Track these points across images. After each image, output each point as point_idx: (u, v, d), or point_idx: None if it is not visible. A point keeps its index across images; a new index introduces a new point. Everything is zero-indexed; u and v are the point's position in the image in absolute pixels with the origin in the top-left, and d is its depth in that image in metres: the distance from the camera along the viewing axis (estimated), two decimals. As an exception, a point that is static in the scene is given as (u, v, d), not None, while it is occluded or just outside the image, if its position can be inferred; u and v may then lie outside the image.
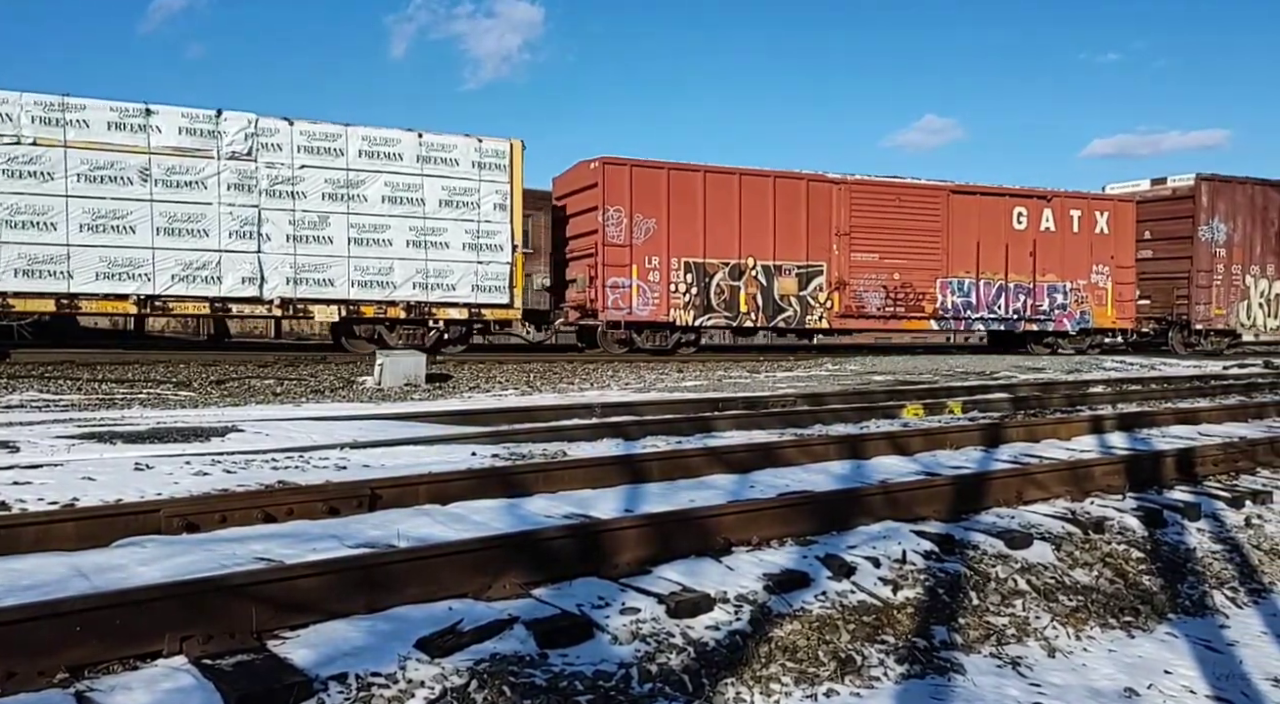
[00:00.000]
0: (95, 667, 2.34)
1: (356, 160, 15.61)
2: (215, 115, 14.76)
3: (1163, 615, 3.53)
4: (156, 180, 14.34)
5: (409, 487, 4.32)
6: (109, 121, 14.13)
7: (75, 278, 13.87)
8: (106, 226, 14.04)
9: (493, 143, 16.54)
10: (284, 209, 15.13)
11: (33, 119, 13.73)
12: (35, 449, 5.73)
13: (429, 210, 16.08)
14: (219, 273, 14.74)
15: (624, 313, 17.94)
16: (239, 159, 14.85)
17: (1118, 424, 7.73)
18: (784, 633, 2.87)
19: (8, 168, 13.55)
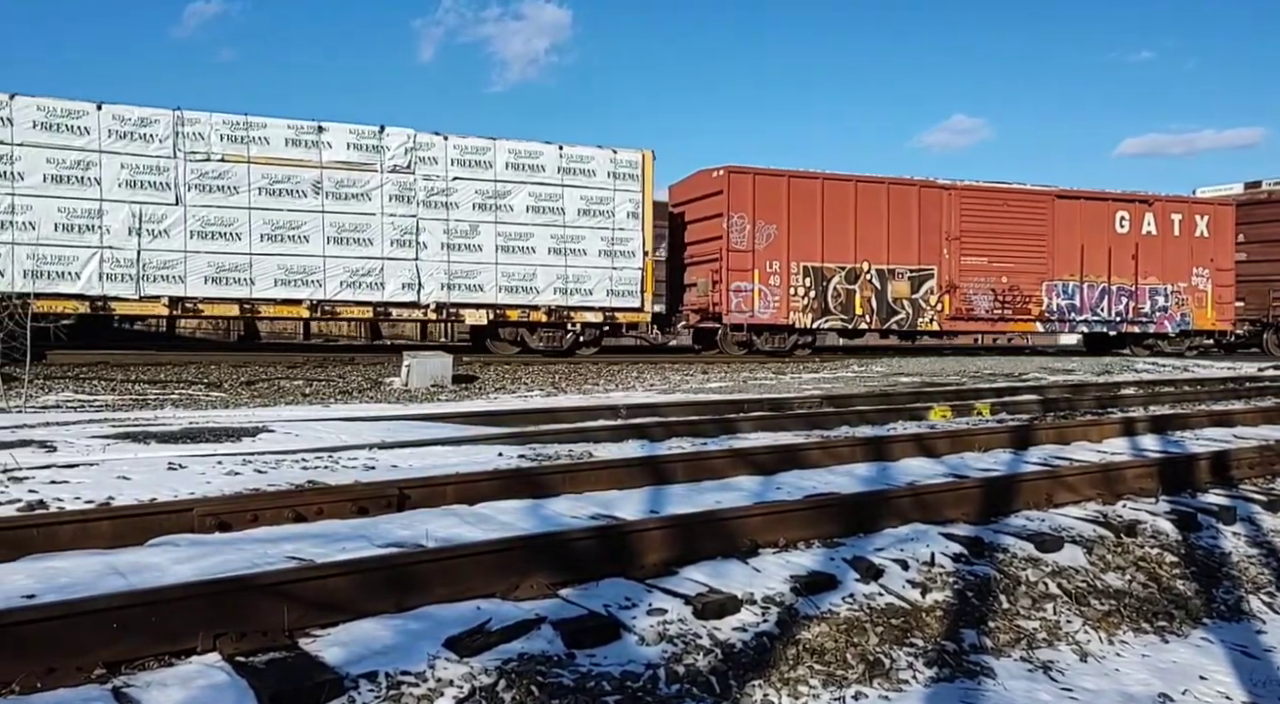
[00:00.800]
0: (131, 663, 2.38)
1: (504, 172, 16.60)
2: (379, 131, 15.81)
3: (1197, 620, 3.48)
4: (327, 193, 15.46)
5: (436, 487, 4.35)
6: (286, 138, 15.26)
7: (256, 284, 15.03)
8: (284, 236, 15.16)
9: (626, 154, 17.52)
10: (439, 219, 16.21)
11: (221, 137, 14.87)
12: (71, 449, 5.83)
13: (568, 219, 17.03)
14: (382, 279, 15.78)
15: (746, 316, 18.69)
16: (399, 172, 15.92)
17: (1150, 426, 7.63)
18: (811, 635, 2.86)
19: (200, 183, 14.74)
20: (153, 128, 14.59)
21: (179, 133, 14.68)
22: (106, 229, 14.26)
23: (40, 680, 2.21)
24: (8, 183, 13.82)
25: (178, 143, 14.69)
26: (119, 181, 14.37)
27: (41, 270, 13.73)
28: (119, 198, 14.35)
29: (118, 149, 14.38)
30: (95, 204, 14.24)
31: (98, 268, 14.21)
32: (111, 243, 14.29)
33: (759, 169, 18.88)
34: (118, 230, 14.33)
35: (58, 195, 14.05)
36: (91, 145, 14.26)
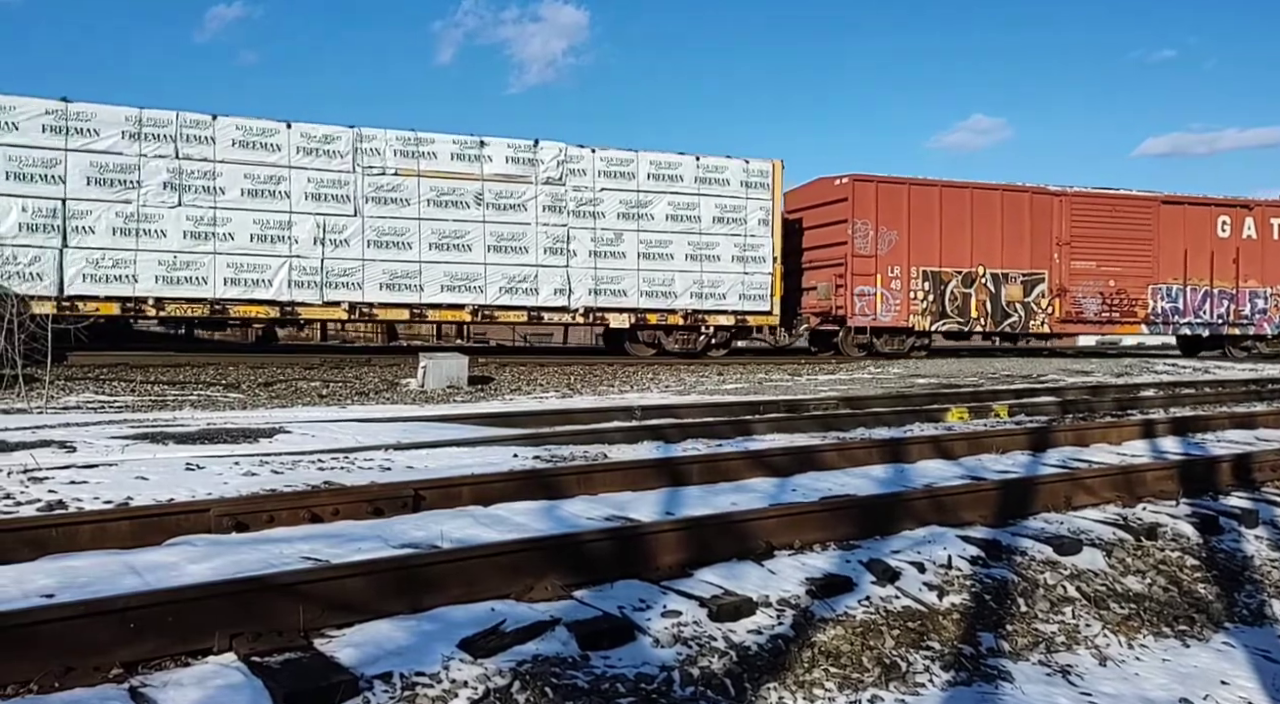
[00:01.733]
0: (148, 663, 2.39)
1: (645, 182, 17.63)
2: (533, 145, 16.83)
3: (1219, 624, 3.44)
4: (487, 204, 16.49)
5: (451, 488, 4.36)
6: (452, 153, 16.33)
7: (425, 291, 16.11)
8: (449, 245, 16.26)
9: (758, 164, 18.39)
10: (587, 228, 17.20)
11: (395, 152, 15.97)
12: (91, 449, 5.88)
13: (704, 227, 17.99)
14: (536, 285, 16.82)
15: (869, 319, 19.60)
16: (552, 184, 16.94)
17: (1170, 428, 7.55)
18: (827, 637, 2.85)
19: (376, 195, 15.85)
20: (335, 144, 15.72)
21: (358, 149, 15.81)
22: (295, 239, 15.41)
23: (58, 680, 2.23)
24: (210, 197, 14.95)
25: (356, 158, 15.82)
26: (305, 195, 15.52)
27: (239, 278, 15.06)
28: (305, 210, 15.50)
29: (304, 164, 15.52)
30: (285, 216, 15.39)
31: (287, 275, 15.37)
32: (299, 252, 15.43)
33: (881, 177, 19.76)
34: (304, 240, 15.47)
35: (253, 208, 15.21)
36: (282, 161, 15.40)
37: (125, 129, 14.59)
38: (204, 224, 14.94)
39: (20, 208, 13.99)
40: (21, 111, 14.10)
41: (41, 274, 14.01)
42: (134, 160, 14.61)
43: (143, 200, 14.60)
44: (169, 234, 14.77)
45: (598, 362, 17.40)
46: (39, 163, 14.11)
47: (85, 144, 14.34)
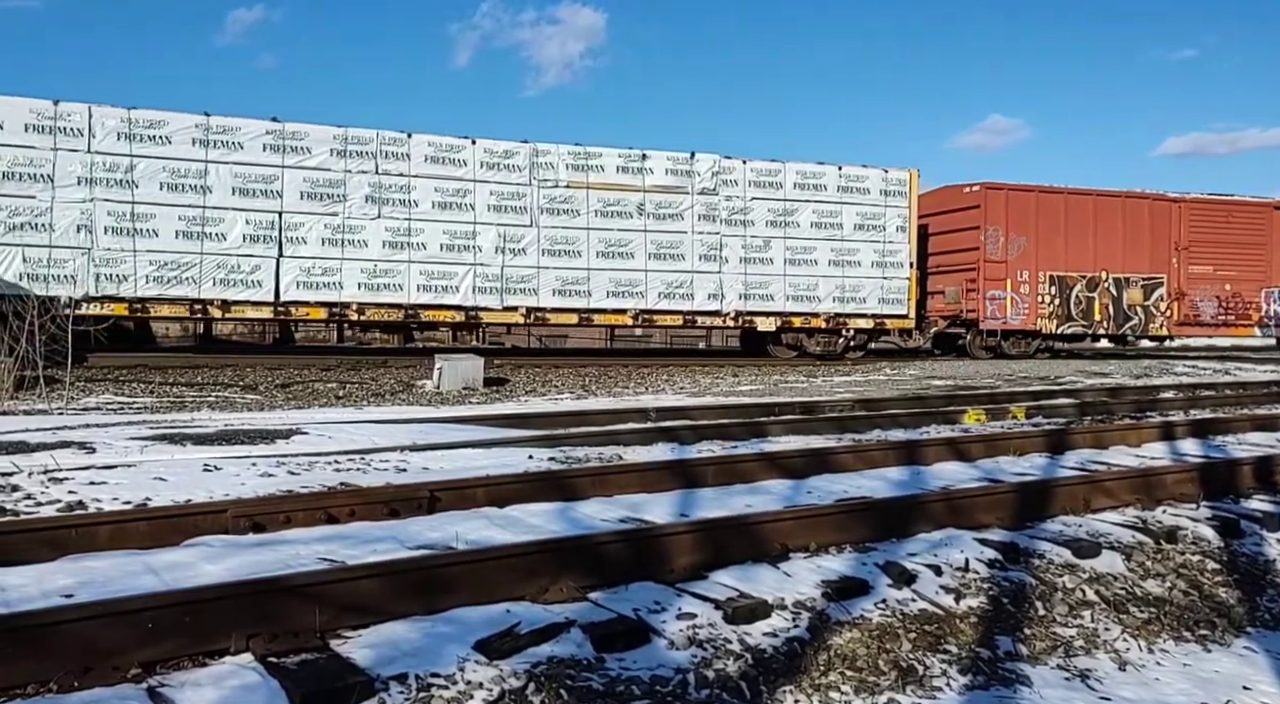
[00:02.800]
0: (166, 663, 2.40)
1: (791, 192, 18.46)
2: (690, 157, 17.77)
3: (1240, 629, 3.40)
4: (648, 214, 17.45)
5: (467, 489, 4.37)
6: (617, 166, 17.32)
7: (592, 296, 17.09)
8: (614, 253, 17.24)
9: (896, 173, 19.22)
10: (737, 235, 18.05)
11: (566, 166, 16.96)
12: (110, 450, 5.93)
13: (845, 234, 18.77)
14: (691, 291, 17.73)
15: (1000, 322, 20.48)
16: (706, 194, 17.84)
17: (1190, 430, 7.48)
18: (843, 641, 2.83)
19: (549, 207, 16.85)
20: (514, 159, 16.69)
21: (534, 163, 16.78)
22: (479, 248, 16.45)
23: (77, 679, 2.25)
24: (405, 209, 16.03)
25: (533, 172, 16.79)
26: (488, 207, 16.53)
27: (431, 285, 16.14)
28: (488, 221, 16.51)
29: (487, 178, 16.53)
30: (470, 227, 16.43)
31: (472, 282, 16.40)
32: (482, 260, 16.45)
33: (1011, 185, 20.69)
34: (487, 249, 16.49)
35: (443, 219, 16.27)
36: (468, 175, 16.44)
37: (333, 147, 15.69)
38: (400, 235, 16.02)
39: (244, 220, 15.13)
40: (245, 132, 15.20)
41: (261, 282, 15.23)
42: (340, 176, 15.72)
43: (347, 213, 15.74)
44: (370, 244, 15.86)
45: (612, 363, 17.42)
46: (260, 179, 15.25)
47: (299, 161, 15.49)
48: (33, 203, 14.10)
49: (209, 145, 15.04)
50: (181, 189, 14.87)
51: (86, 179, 14.38)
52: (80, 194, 14.35)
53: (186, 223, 14.86)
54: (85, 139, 14.41)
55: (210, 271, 14.93)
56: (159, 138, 14.81)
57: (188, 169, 14.88)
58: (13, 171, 14.03)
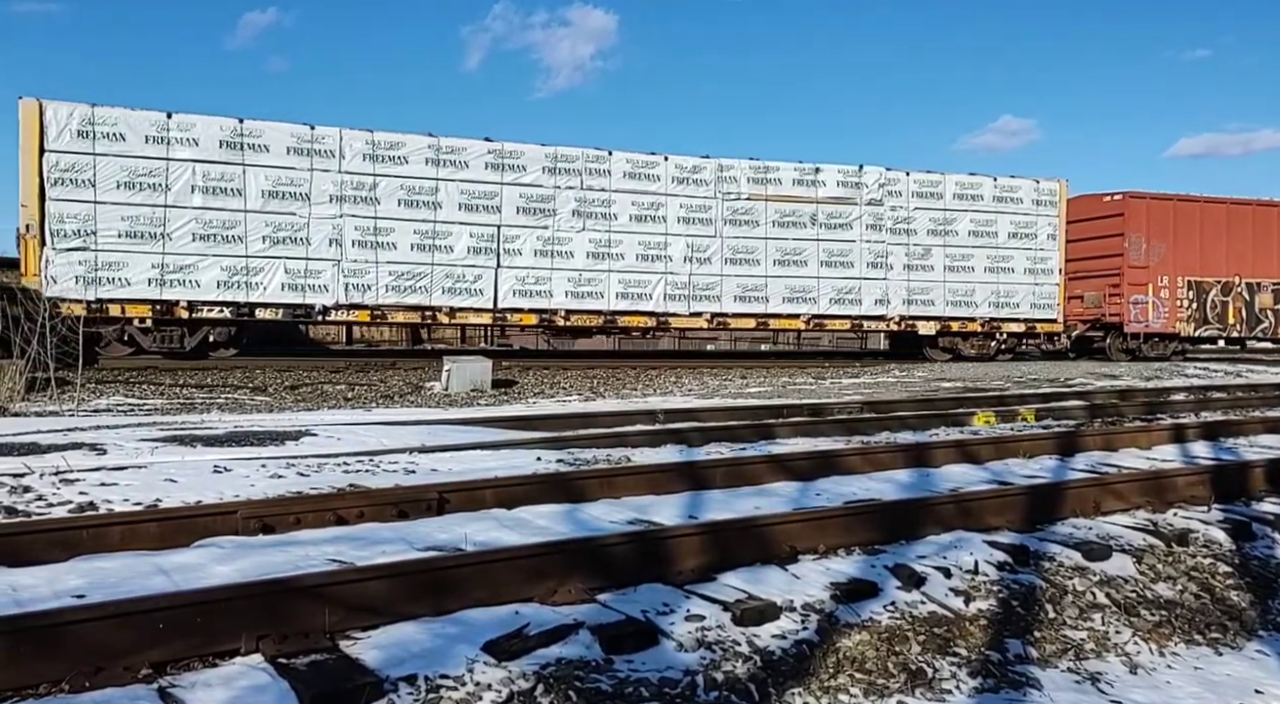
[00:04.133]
0: (177, 664, 2.41)
1: (951, 202, 19.61)
2: (858, 170, 18.94)
3: (1252, 632, 3.38)
4: (820, 224, 18.60)
5: (475, 491, 4.38)
6: (793, 179, 18.49)
7: (769, 302, 18.32)
8: (789, 261, 18.39)
9: (1048, 184, 20.41)
10: (901, 244, 19.20)
11: (747, 180, 18.18)
12: (121, 451, 5.96)
13: (1000, 242, 19.93)
14: (859, 297, 18.85)
15: (1142, 325, 21.37)
16: (873, 205, 18.94)
17: (1201, 433, 7.44)
18: (852, 643, 2.83)
19: (732, 218, 18.06)
20: (701, 174, 17.93)
21: (718, 177, 17.98)
22: (669, 258, 17.71)
23: (89, 679, 2.26)
24: (606, 222, 17.34)
25: (717, 186, 17.99)
26: (678, 219, 17.77)
27: (627, 292, 17.48)
28: (677, 232, 17.75)
29: (677, 192, 17.78)
30: (662, 238, 17.67)
31: (663, 290, 17.68)
32: (672, 269, 17.72)
33: (1151, 194, 21.56)
34: (676, 259, 17.75)
35: (638, 231, 17.53)
36: (660, 190, 17.68)
37: (545, 165, 16.92)
38: (601, 246, 17.30)
39: (469, 234, 16.50)
40: (470, 152, 16.52)
41: (482, 290, 16.58)
42: (551, 192, 16.96)
43: (556, 226, 17.01)
44: (575, 255, 17.13)
45: (620, 365, 17.44)
46: (482, 195, 16.59)
47: (515, 178, 16.77)
48: (293, 219, 15.56)
49: (439, 164, 16.37)
50: (416, 205, 16.24)
51: (337, 196, 15.80)
52: (332, 211, 15.78)
53: (420, 236, 16.21)
54: (336, 160, 15.82)
55: (439, 281, 16.31)
56: (397, 158, 16.13)
57: (421, 186, 16.24)
58: (277, 190, 15.48)
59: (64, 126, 14.37)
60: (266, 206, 15.35)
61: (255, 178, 15.33)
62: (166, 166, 14.85)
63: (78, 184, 14.42)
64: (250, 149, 15.32)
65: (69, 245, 14.36)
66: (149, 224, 14.76)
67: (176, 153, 14.93)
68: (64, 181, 14.36)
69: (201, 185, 15.05)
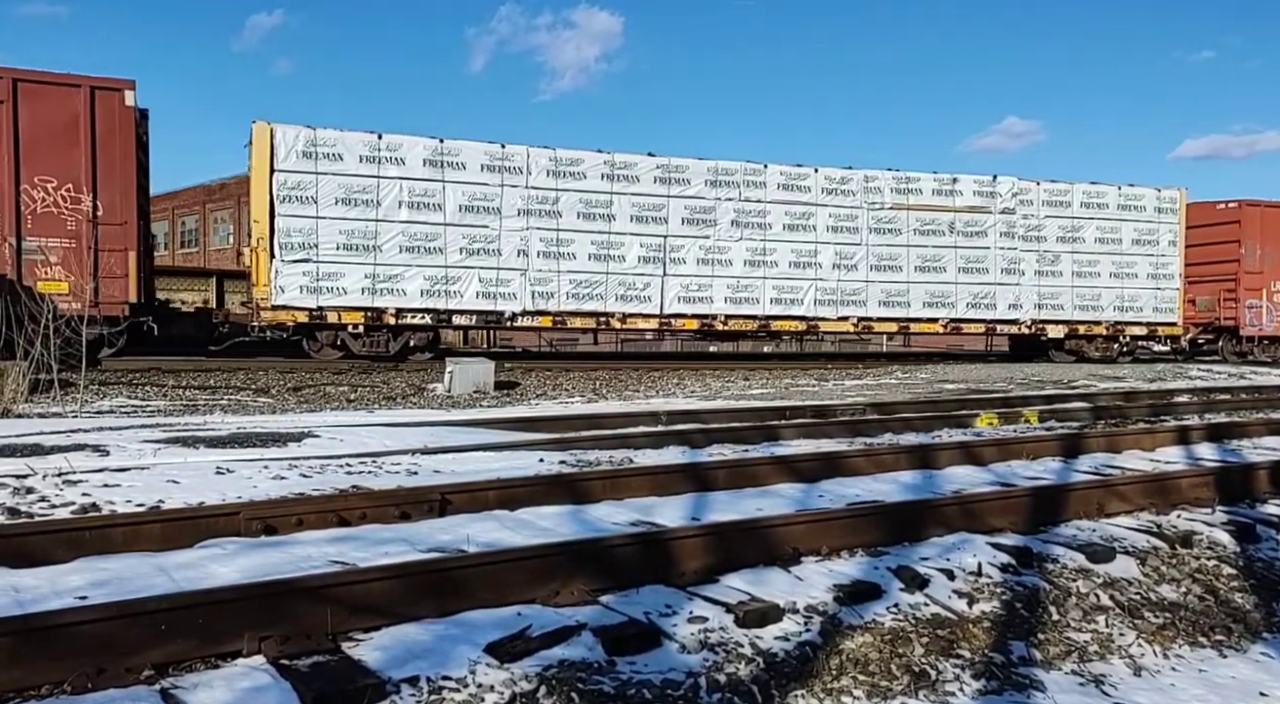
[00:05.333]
0: (179, 664, 2.41)
1: (1078, 210, 20.45)
2: (992, 180, 19.89)
3: (1257, 634, 3.37)
4: (958, 232, 19.60)
5: (478, 492, 4.37)
6: (932, 189, 19.43)
7: (911, 307, 19.35)
8: (929, 268, 19.48)
9: (1168, 192, 21.25)
10: (1032, 250, 20.12)
11: (891, 190, 19.13)
12: (124, 453, 5.97)
13: (1124, 248, 20.85)
14: (994, 301, 19.89)
15: (1257, 328, 22.46)
16: (1007, 213, 19.88)
17: (1205, 435, 7.42)
18: (855, 645, 2.82)
19: (876, 227, 18.99)
20: (848, 185, 18.82)
21: (864, 188, 18.88)
22: (819, 265, 18.66)
23: (91, 680, 2.26)
24: (761, 231, 18.31)
25: (863, 196, 18.88)
26: (827, 228, 18.70)
27: (781, 298, 18.52)
28: (826, 240, 18.70)
29: (826, 202, 18.69)
30: (812, 246, 18.64)
31: (813, 295, 18.61)
32: (821, 276, 18.67)
33: (1266, 202, 22.67)
34: (825, 266, 18.69)
35: (791, 240, 18.52)
36: (811, 200, 18.60)
37: (707, 178, 17.96)
38: (757, 254, 18.30)
39: (639, 244, 17.58)
40: (640, 167, 17.58)
41: (650, 297, 17.67)
42: (712, 203, 18.02)
43: (717, 236, 18.03)
44: (734, 263, 18.15)
45: (623, 367, 17.44)
46: (651, 208, 17.68)
47: (681, 191, 17.82)
48: (485, 231, 16.68)
49: (614, 179, 17.45)
50: (593, 218, 17.36)
51: (524, 210, 16.86)
52: (519, 223, 16.85)
53: (596, 247, 17.32)
54: (523, 176, 16.88)
55: (613, 288, 17.42)
56: (577, 174, 17.23)
57: (597, 200, 17.34)
58: (472, 205, 16.60)
59: (291, 147, 15.53)
60: (463, 220, 16.52)
61: (453, 193, 16.48)
62: (378, 184, 16.05)
63: (302, 201, 15.61)
64: (449, 166, 16.47)
65: (294, 257, 15.57)
66: (362, 237, 15.98)
67: (386, 171, 16.13)
68: (290, 199, 15.56)
69: (408, 200, 16.21)
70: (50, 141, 13.83)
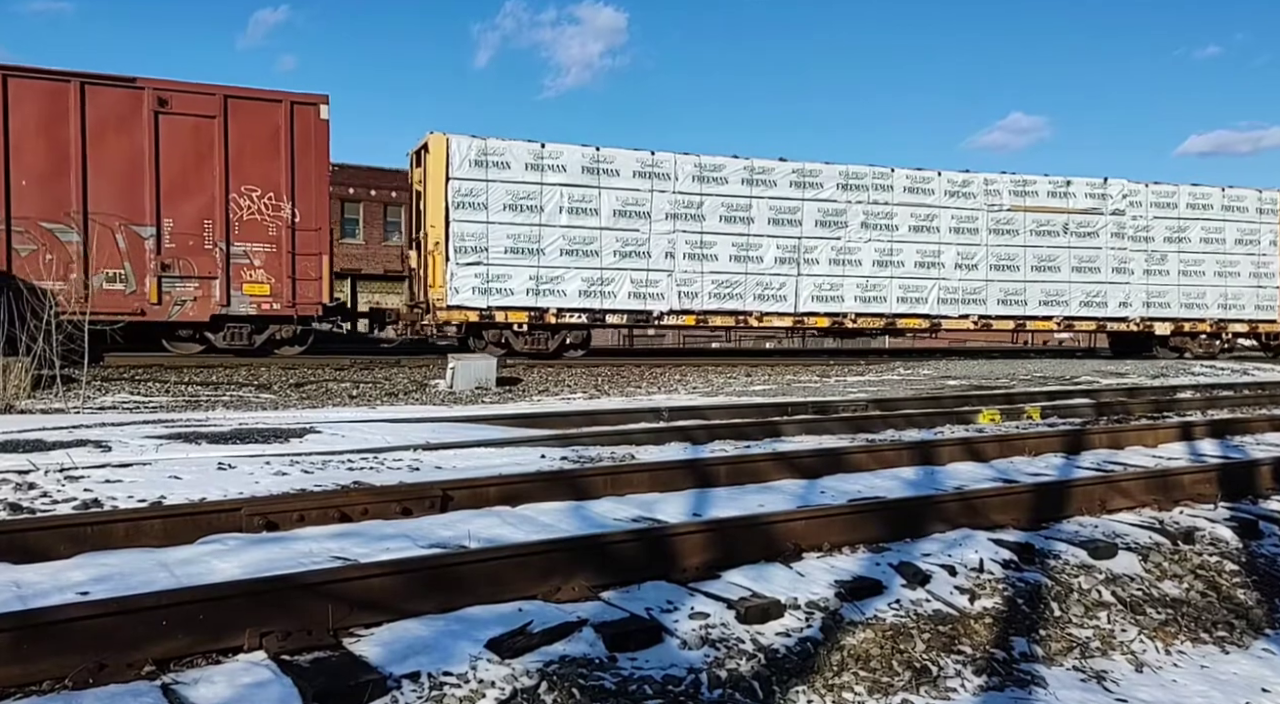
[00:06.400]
0: (180, 660, 2.41)
1: (1184, 211, 21.50)
2: (1103, 182, 20.94)
3: (1259, 631, 3.36)
4: (1071, 233, 20.60)
5: (479, 488, 4.37)
6: (1048, 191, 20.43)
7: (1027, 305, 20.40)
8: (1045, 268, 20.49)
9: (1270, 193, 22.32)
10: (1140, 250, 21.20)
11: (1009, 192, 20.16)
12: (126, 448, 5.97)
13: (1227, 248, 21.88)
14: (1105, 300, 21.02)
15: None
16: (1117, 215, 21.00)
17: (1208, 431, 7.41)
18: (856, 641, 2.82)
19: (994, 228, 20.08)
20: (969, 188, 19.95)
21: (985, 190, 20.00)
22: (942, 265, 19.82)
23: (92, 676, 2.26)
24: (888, 233, 19.36)
25: (983, 198, 20.00)
26: (949, 229, 19.87)
27: (906, 297, 19.51)
28: (949, 241, 19.85)
29: (948, 204, 19.85)
30: (936, 247, 19.77)
31: (937, 294, 19.79)
32: (944, 275, 19.82)
33: None
34: (948, 266, 19.81)
35: (916, 241, 19.59)
36: (935, 203, 19.76)
37: (839, 182, 19.05)
38: (885, 255, 19.34)
39: (775, 246, 18.66)
40: (778, 172, 18.70)
41: (785, 297, 18.74)
42: (843, 206, 19.07)
43: (847, 238, 19.09)
44: (863, 263, 19.22)
45: (625, 363, 17.43)
46: (786, 211, 18.70)
47: (814, 195, 18.91)
48: (636, 235, 17.85)
49: (753, 184, 18.53)
50: (734, 220, 18.42)
51: (671, 214, 18.04)
52: (667, 227, 18.04)
53: (736, 248, 18.40)
54: (671, 182, 18.06)
55: (751, 288, 18.48)
56: (719, 179, 18.34)
57: (738, 204, 18.42)
58: (624, 210, 17.76)
59: (464, 157, 16.70)
60: (616, 224, 17.66)
61: (608, 199, 17.63)
62: (540, 190, 17.18)
63: (474, 207, 16.80)
64: (604, 173, 17.63)
65: (468, 260, 16.82)
66: (527, 241, 17.15)
67: (548, 178, 17.25)
68: (464, 205, 16.77)
69: (567, 206, 17.36)
70: (254, 153, 15.00)
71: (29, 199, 13.82)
